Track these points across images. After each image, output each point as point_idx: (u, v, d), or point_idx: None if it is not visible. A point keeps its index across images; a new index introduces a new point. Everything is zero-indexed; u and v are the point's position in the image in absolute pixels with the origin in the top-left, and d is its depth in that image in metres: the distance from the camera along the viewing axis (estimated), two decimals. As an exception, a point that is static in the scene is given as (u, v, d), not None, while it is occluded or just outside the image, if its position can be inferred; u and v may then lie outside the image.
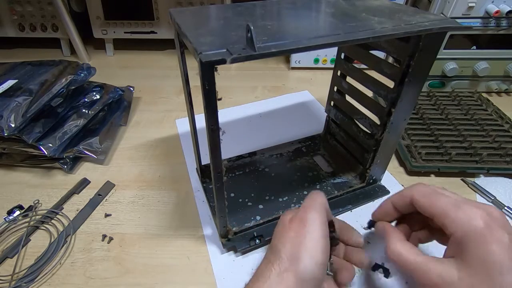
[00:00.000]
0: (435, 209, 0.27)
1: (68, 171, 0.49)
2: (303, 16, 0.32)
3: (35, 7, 0.78)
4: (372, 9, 0.33)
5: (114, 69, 0.80)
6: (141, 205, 0.44)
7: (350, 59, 0.43)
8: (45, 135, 0.49)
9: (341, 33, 0.27)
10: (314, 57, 0.77)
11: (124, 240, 0.40)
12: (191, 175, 0.49)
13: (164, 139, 0.57)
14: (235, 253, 0.38)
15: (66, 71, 0.55)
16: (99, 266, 0.37)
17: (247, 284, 0.27)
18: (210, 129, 0.27)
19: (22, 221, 0.42)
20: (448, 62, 0.64)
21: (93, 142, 0.52)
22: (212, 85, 0.25)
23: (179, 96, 0.69)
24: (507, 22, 0.59)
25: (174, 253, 0.38)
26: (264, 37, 0.25)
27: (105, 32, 0.82)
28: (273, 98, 0.68)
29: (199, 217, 0.42)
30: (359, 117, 0.43)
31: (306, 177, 0.47)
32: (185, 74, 0.36)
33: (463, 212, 0.25)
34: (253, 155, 0.51)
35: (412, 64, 0.32)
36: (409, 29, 0.28)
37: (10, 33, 0.82)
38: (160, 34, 0.83)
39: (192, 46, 0.25)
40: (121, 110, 0.61)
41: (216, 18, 0.33)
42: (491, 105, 0.60)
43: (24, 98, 0.48)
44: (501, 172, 0.47)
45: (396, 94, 0.35)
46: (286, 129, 0.58)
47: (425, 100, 0.62)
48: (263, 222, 0.40)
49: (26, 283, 0.35)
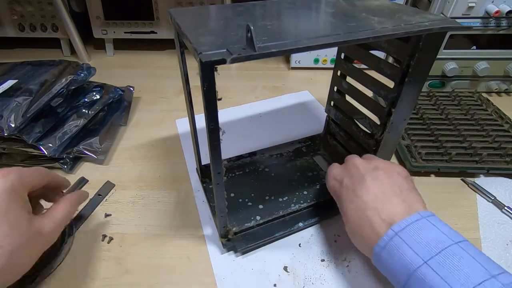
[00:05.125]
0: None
1: (68, 171, 0.49)
2: (303, 16, 0.32)
3: (35, 7, 0.78)
4: (372, 9, 0.33)
5: (114, 69, 0.80)
6: (141, 205, 0.44)
7: (350, 59, 0.43)
8: (45, 135, 0.49)
9: (341, 33, 0.27)
10: (314, 57, 0.77)
11: (124, 240, 0.40)
12: (191, 175, 0.49)
13: (164, 139, 0.57)
14: (235, 253, 0.38)
15: (66, 71, 0.55)
16: (99, 266, 0.37)
17: None
18: (210, 129, 0.27)
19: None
20: (448, 62, 0.64)
21: (93, 142, 0.52)
22: (212, 85, 0.25)
23: (179, 96, 0.69)
24: (507, 22, 0.59)
25: (174, 253, 0.38)
26: (264, 37, 0.25)
27: (105, 32, 0.82)
28: (273, 98, 0.68)
29: (199, 217, 0.42)
30: (359, 117, 0.43)
31: (306, 177, 0.47)
32: (185, 74, 0.36)
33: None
34: (253, 155, 0.51)
35: (412, 64, 0.32)
36: (409, 29, 0.28)
37: (10, 33, 0.82)
38: (160, 34, 0.83)
39: (192, 46, 0.25)
40: (121, 110, 0.61)
41: (216, 18, 0.33)
42: (491, 105, 0.60)
43: (24, 98, 0.48)
44: (501, 172, 0.47)
45: (396, 94, 0.35)
46: (286, 129, 0.58)
47: (425, 100, 0.62)
48: (263, 222, 0.40)
49: (26, 283, 0.35)
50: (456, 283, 0.24)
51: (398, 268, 0.27)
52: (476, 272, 0.24)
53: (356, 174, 0.34)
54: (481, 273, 0.24)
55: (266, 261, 0.37)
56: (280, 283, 0.35)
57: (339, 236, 0.40)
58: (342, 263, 0.37)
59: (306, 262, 0.37)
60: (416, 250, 0.26)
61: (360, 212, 0.31)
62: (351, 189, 0.33)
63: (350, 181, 0.34)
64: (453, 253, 0.25)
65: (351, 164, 0.35)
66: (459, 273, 0.24)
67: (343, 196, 0.34)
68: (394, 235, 0.27)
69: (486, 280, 0.23)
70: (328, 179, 0.37)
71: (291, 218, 0.41)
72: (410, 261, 0.26)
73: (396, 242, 0.27)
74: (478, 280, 0.23)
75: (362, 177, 0.33)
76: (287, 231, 0.39)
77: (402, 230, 0.27)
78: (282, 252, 0.38)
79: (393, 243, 0.27)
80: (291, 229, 0.39)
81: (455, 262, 0.25)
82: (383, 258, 0.28)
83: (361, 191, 0.32)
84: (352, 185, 0.33)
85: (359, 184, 0.32)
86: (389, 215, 0.29)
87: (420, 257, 0.26)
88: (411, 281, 0.26)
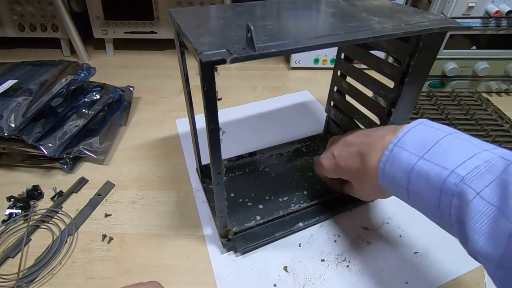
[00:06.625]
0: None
1: (68, 171, 0.49)
2: (303, 16, 0.32)
3: (35, 7, 0.78)
4: (372, 9, 0.33)
5: (114, 69, 0.80)
6: (141, 205, 0.44)
7: (350, 59, 0.43)
8: (45, 135, 0.49)
9: (341, 33, 0.27)
10: (314, 57, 0.77)
11: (124, 240, 0.40)
12: (191, 175, 0.49)
13: (164, 139, 0.57)
14: (235, 253, 0.38)
15: (66, 71, 0.55)
16: (99, 266, 0.37)
17: None
18: (210, 129, 0.27)
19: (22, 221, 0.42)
20: (448, 62, 0.64)
21: (93, 142, 0.52)
22: (212, 85, 0.25)
23: (179, 96, 0.69)
24: (507, 22, 0.59)
25: (174, 253, 0.38)
26: (264, 37, 0.25)
27: (105, 32, 0.82)
28: (273, 98, 0.68)
29: (199, 217, 0.42)
30: (359, 117, 0.43)
31: (306, 177, 0.47)
32: (185, 74, 0.36)
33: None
34: (253, 155, 0.51)
35: (412, 64, 0.32)
36: (409, 29, 0.28)
37: (10, 33, 0.82)
38: (160, 34, 0.83)
39: (192, 46, 0.25)
40: (121, 110, 0.61)
41: (216, 18, 0.33)
42: (491, 105, 0.60)
43: (24, 98, 0.48)
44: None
45: (396, 94, 0.35)
46: (286, 129, 0.58)
47: (425, 100, 0.62)
48: (263, 222, 0.40)
49: (27, 283, 0.35)
50: (449, 163, 0.24)
51: (399, 173, 0.27)
52: (468, 149, 0.25)
53: (341, 140, 0.37)
54: (473, 149, 0.24)
55: (266, 261, 0.37)
56: (280, 283, 0.35)
57: (339, 236, 0.40)
58: (342, 263, 0.37)
59: (306, 262, 0.37)
60: (412, 150, 0.27)
61: (358, 154, 0.32)
62: (343, 149, 0.35)
63: (339, 148, 0.36)
64: (447, 141, 0.26)
65: (333, 142, 0.39)
66: (452, 154, 0.25)
67: (340, 162, 0.35)
68: (393, 146, 0.28)
69: (479, 153, 0.24)
70: (322, 162, 0.38)
71: (291, 218, 0.41)
72: (408, 161, 0.27)
73: (396, 151, 0.28)
74: (470, 155, 0.24)
75: (346, 139, 0.36)
76: (287, 231, 0.39)
77: (400, 139, 0.28)
78: (282, 252, 0.38)
79: (393, 154, 0.28)
80: (291, 229, 0.39)
81: (447, 147, 0.25)
82: (387, 171, 0.28)
83: (352, 142, 0.35)
84: (343, 146, 0.36)
85: (345, 140, 0.36)
86: (382, 137, 0.30)
87: (416, 154, 0.26)
88: (411, 180, 0.26)
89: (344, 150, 0.35)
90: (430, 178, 0.25)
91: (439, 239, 0.39)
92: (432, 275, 0.36)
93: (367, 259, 0.37)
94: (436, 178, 0.24)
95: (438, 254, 0.38)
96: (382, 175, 0.29)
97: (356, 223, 0.41)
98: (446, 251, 0.38)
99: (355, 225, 0.41)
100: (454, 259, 0.37)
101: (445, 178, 0.24)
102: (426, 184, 0.25)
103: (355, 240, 0.39)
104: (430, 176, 0.25)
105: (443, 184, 0.24)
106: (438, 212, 0.25)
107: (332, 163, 0.37)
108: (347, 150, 0.35)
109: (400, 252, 0.38)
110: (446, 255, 0.38)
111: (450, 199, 0.24)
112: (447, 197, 0.24)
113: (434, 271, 0.36)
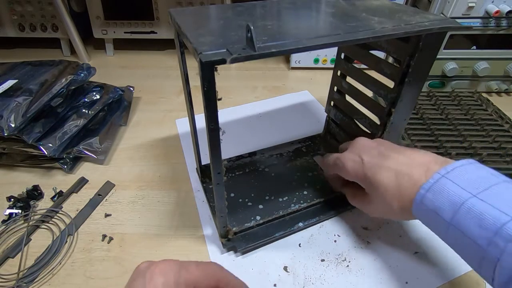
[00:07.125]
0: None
1: (68, 171, 0.49)
2: (303, 16, 0.32)
3: (35, 7, 0.78)
4: (372, 9, 0.33)
5: (114, 69, 0.80)
6: (141, 205, 0.44)
7: (350, 59, 0.43)
8: (45, 135, 0.49)
9: (341, 33, 0.27)
10: (314, 57, 0.77)
11: (124, 240, 0.40)
12: (191, 175, 0.49)
13: (164, 139, 0.57)
14: (235, 253, 0.38)
15: (66, 71, 0.55)
16: (99, 266, 0.37)
17: None
18: (210, 129, 0.27)
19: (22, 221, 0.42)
20: (448, 62, 0.64)
21: (93, 142, 0.52)
22: (212, 85, 0.25)
23: (179, 96, 0.69)
24: (507, 22, 0.59)
25: (174, 253, 0.38)
26: (264, 37, 0.25)
27: (105, 32, 0.82)
28: (273, 98, 0.68)
29: (199, 217, 0.42)
30: (359, 117, 0.43)
31: (306, 177, 0.47)
32: (185, 74, 0.36)
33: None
34: (253, 155, 0.51)
35: (412, 64, 0.32)
36: (409, 29, 0.28)
37: (10, 33, 0.82)
38: (160, 34, 0.83)
39: (192, 46, 0.25)
40: (121, 110, 0.61)
41: (216, 18, 0.33)
42: (491, 105, 0.60)
43: (24, 98, 0.48)
44: (501, 172, 0.47)
45: (396, 94, 0.35)
46: (286, 129, 0.58)
47: (425, 100, 0.62)
48: (263, 222, 0.40)
49: (27, 283, 0.35)
50: (506, 207, 0.24)
51: (445, 204, 0.27)
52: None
53: (373, 147, 0.35)
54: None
55: (266, 261, 0.37)
56: (280, 283, 0.35)
57: (339, 236, 0.40)
58: (342, 263, 0.37)
59: (306, 262, 0.37)
60: (464, 186, 0.26)
61: (394, 171, 0.31)
62: (376, 158, 0.34)
63: (370, 155, 0.34)
64: (504, 187, 0.26)
65: (361, 145, 0.36)
66: (509, 200, 0.24)
67: (369, 171, 0.33)
68: (440, 177, 0.28)
69: None
70: (346, 163, 0.36)
71: (291, 218, 0.41)
72: (458, 196, 0.26)
73: (443, 182, 0.27)
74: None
75: (380, 148, 0.34)
76: (287, 231, 0.39)
77: (449, 172, 0.28)
78: (282, 252, 0.38)
79: (439, 184, 0.27)
80: (291, 229, 0.39)
81: (504, 193, 0.25)
82: (427, 199, 0.28)
83: (388, 156, 0.33)
84: (376, 156, 0.34)
85: (379, 149, 0.34)
86: (425, 164, 0.30)
87: (469, 192, 0.26)
88: (459, 214, 0.26)
89: (377, 160, 0.33)
90: (484, 219, 0.24)
91: (439, 239, 0.39)
92: (432, 275, 0.36)
93: (367, 259, 0.37)
94: (493, 220, 0.24)
95: (438, 254, 0.38)
96: (419, 201, 0.29)
97: (356, 223, 0.41)
98: (446, 251, 0.38)
99: (355, 225, 0.41)
100: (454, 259, 0.37)
101: (504, 223, 0.23)
102: (477, 223, 0.24)
103: (355, 240, 0.39)
104: (485, 217, 0.24)
105: (501, 229, 0.23)
106: (480, 254, 0.24)
107: (358, 168, 0.34)
108: (382, 162, 0.33)
109: (400, 252, 0.38)
110: (446, 255, 0.37)
111: (505, 245, 0.23)
112: (502, 241, 0.23)
113: (434, 271, 0.36)
